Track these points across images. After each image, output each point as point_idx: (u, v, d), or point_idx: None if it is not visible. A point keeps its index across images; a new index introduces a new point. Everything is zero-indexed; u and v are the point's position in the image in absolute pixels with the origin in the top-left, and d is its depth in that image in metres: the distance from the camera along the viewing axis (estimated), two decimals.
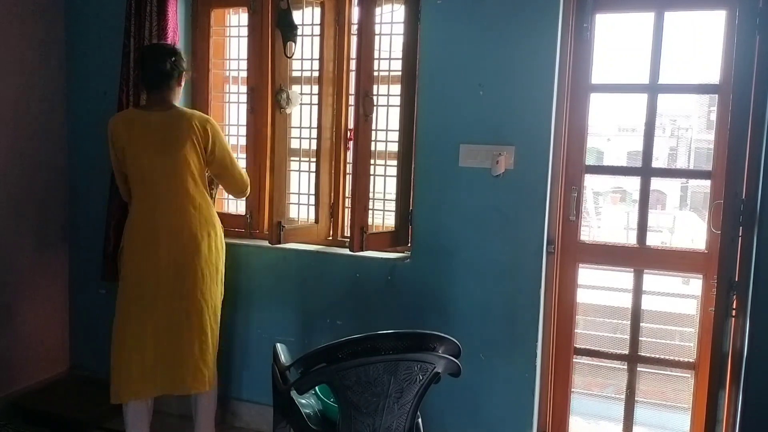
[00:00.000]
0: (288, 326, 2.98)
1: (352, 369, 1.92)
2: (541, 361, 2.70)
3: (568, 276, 2.74)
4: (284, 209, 2.90)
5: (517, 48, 2.55)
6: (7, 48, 3.03)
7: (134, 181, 2.61)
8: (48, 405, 3.09)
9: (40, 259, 3.28)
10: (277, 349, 2.34)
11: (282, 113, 2.81)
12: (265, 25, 2.97)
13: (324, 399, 2.23)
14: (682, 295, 6.24)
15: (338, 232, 3.04)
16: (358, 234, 2.65)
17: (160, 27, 2.85)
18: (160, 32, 2.85)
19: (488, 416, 2.71)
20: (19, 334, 3.19)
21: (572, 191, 2.69)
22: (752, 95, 2.28)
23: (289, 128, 2.91)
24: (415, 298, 2.76)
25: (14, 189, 3.12)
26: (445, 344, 2.02)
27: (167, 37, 2.85)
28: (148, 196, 2.58)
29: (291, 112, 2.86)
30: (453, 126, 2.66)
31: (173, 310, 2.55)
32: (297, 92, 2.86)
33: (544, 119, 2.55)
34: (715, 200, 2.50)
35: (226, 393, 3.10)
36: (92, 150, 3.29)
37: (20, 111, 3.11)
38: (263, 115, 3.04)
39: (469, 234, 2.67)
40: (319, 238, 2.99)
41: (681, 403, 3.59)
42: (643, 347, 2.79)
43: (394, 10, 2.84)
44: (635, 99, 2.72)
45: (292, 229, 2.87)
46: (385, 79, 2.82)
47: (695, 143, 14.22)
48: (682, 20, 2.80)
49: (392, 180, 2.85)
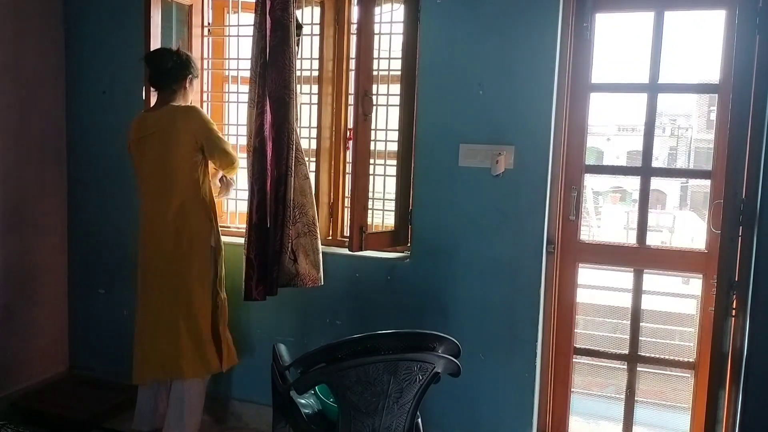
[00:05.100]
0: (287, 326, 2.98)
1: (352, 369, 1.91)
2: (541, 361, 2.70)
3: (567, 276, 2.74)
4: None
5: (517, 48, 2.55)
6: (6, 48, 3.02)
7: (138, 178, 2.73)
8: (48, 405, 3.09)
9: (39, 259, 3.27)
10: (276, 349, 2.34)
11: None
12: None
13: (324, 399, 2.23)
14: (682, 295, 6.24)
15: (338, 231, 3.04)
16: (358, 234, 2.65)
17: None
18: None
19: (488, 416, 2.71)
20: (19, 334, 3.19)
21: (572, 191, 2.69)
22: (752, 95, 2.27)
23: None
24: (414, 297, 2.76)
25: (14, 188, 3.11)
26: (445, 344, 2.02)
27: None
28: (147, 193, 2.70)
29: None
30: (453, 126, 2.65)
31: (163, 303, 2.66)
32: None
33: (543, 119, 2.54)
34: (715, 200, 2.49)
35: (226, 393, 3.11)
36: (92, 150, 3.29)
37: (20, 111, 3.11)
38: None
39: (468, 234, 2.67)
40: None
41: (681, 403, 3.59)
42: (643, 347, 2.79)
43: (394, 9, 2.84)
44: (635, 98, 2.72)
45: None
46: (385, 79, 2.83)
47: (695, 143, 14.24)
48: (682, 20, 2.80)
49: (392, 180, 2.85)
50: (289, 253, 2.60)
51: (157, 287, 2.67)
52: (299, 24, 2.72)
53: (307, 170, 2.67)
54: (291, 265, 2.61)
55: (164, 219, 2.63)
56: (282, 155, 2.54)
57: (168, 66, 2.63)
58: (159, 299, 2.67)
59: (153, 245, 2.68)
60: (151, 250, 2.68)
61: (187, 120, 2.61)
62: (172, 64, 2.64)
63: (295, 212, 2.60)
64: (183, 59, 2.68)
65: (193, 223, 2.65)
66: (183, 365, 2.65)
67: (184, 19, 3.12)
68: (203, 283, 2.69)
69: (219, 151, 2.66)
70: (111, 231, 3.25)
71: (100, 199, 3.30)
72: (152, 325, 2.69)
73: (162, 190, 2.64)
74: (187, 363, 2.66)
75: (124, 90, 3.15)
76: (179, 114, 2.62)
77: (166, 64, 2.63)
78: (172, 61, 2.64)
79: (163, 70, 2.64)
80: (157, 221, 2.65)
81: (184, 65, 2.67)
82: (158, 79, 2.67)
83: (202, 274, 2.68)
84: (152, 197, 2.67)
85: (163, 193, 2.63)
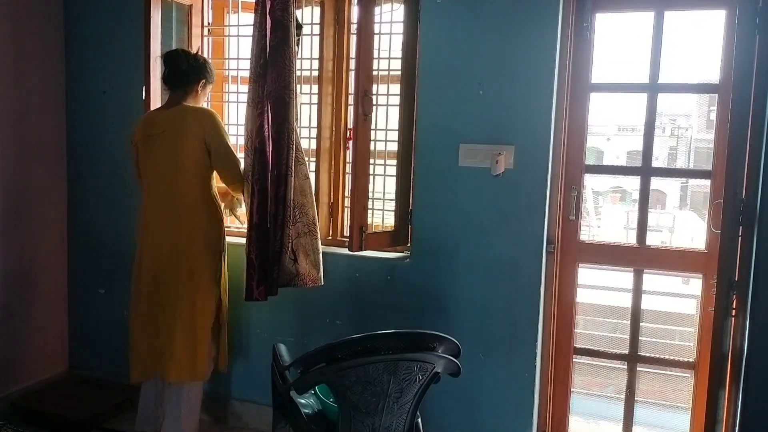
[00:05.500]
0: (287, 326, 2.98)
1: (352, 369, 1.91)
2: (541, 361, 2.70)
3: (567, 275, 2.74)
4: None
5: (517, 47, 2.55)
6: (6, 47, 3.02)
7: (142, 178, 2.72)
8: (48, 405, 3.09)
9: (39, 258, 3.27)
10: (276, 349, 2.34)
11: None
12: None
13: (324, 399, 2.23)
14: (682, 295, 6.25)
15: (338, 231, 3.04)
16: (358, 234, 2.65)
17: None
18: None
19: (488, 416, 2.71)
20: (19, 334, 3.19)
21: (572, 191, 2.69)
22: (752, 95, 2.27)
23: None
24: (414, 297, 2.76)
25: (14, 188, 3.11)
26: (445, 344, 2.02)
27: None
28: (151, 193, 2.68)
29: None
30: (453, 126, 2.65)
31: (161, 305, 2.63)
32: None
33: (543, 119, 2.54)
34: (715, 200, 2.49)
35: (226, 393, 3.11)
36: (92, 149, 3.30)
37: (19, 111, 3.11)
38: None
39: (468, 234, 2.67)
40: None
41: (681, 403, 3.59)
42: (642, 347, 2.79)
43: (394, 9, 2.84)
44: (635, 98, 2.72)
45: None
46: (385, 79, 2.83)
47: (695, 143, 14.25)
48: (682, 20, 2.80)
49: (392, 180, 2.85)
50: (289, 253, 2.59)
51: (156, 288, 2.63)
52: (299, 24, 2.72)
53: (307, 170, 2.67)
54: (291, 265, 2.61)
55: (170, 219, 2.60)
56: (282, 155, 2.54)
57: (183, 67, 2.64)
58: (157, 301, 2.63)
59: (155, 245, 2.64)
60: (151, 249, 2.65)
61: (200, 121, 2.58)
62: (186, 66, 2.65)
63: (295, 212, 2.60)
64: (199, 63, 2.70)
65: (200, 225, 2.62)
66: (174, 369, 2.61)
67: (184, 19, 3.13)
68: (208, 287, 2.66)
69: (228, 162, 2.62)
70: (111, 231, 3.25)
71: (100, 199, 3.30)
72: (146, 326, 2.65)
73: (169, 190, 2.61)
74: (179, 368, 2.62)
75: (124, 90, 3.15)
76: (192, 114, 2.61)
77: (182, 65, 2.64)
78: (187, 63, 2.65)
79: (177, 71, 2.65)
80: (161, 221, 2.62)
81: (199, 69, 2.69)
82: (172, 79, 2.68)
83: (208, 277, 2.65)
84: (158, 196, 2.64)
85: (170, 193, 2.61)
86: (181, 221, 2.60)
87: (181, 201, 2.61)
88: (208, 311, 2.67)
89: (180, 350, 2.61)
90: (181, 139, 2.57)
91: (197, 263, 2.63)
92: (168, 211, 2.62)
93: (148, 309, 2.66)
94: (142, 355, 2.68)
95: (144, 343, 2.67)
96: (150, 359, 2.66)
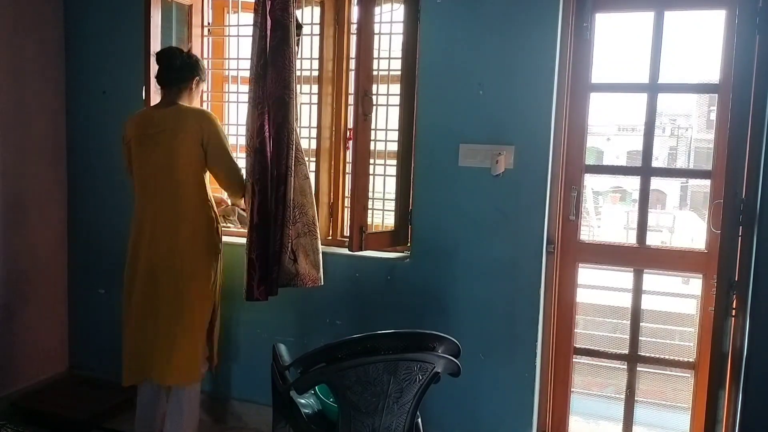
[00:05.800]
0: (287, 326, 2.98)
1: (352, 369, 1.91)
2: (541, 361, 2.70)
3: (567, 275, 2.74)
4: None
5: (517, 48, 2.55)
6: (6, 47, 3.02)
7: (135, 177, 2.68)
8: (48, 405, 3.09)
9: (39, 259, 3.27)
10: (276, 349, 2.34)
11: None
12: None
13: (324, 399, 2.23)
14: (682, 295, 6.25)
15: (338, 231, 3.04)
16: (357, 234, 2.65)
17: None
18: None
19: (488, 416, 2.71)
20: (19, 334, 3.19)
21: (572, 191, 2.69)
22: (752, 95, 2.27)
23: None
24: (414, 297, 2.76)
25: (14, 188, 3.11)
26: (445, 344, 2.02)
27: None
28: (145, 193, 2.64)
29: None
30: (453, 126, 2.65)
31: (153, 308, 2.60)
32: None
33: (543, 119, 2.54)
34: (715, 200, 2.49)
35: (226, 393, 3.11)
36: (92, 149, 3.30)
37: (19, 110, 3.11)
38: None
39: (468, 234, 2.67)
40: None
41: (681, 403, 3.59)
42: (642, 347, 2.79)
43: (394, 9, 2.84)
44: (635, 98, 2.72)
45: None
46: (385, 79, 2.83)
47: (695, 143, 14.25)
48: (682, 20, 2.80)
49: (392, 179, 2.85)
50: (289, 253, 2.59)
51: (154, 289, 2.58)
52: (299, 24, 2.71)
53: (307, 170, 2.67)
54: (291, 265, 2.61)
55: (168, 219, 2.57)
56: (282, 155, 2.54)
57: (177, 65, 2.62)
58: (153, 303, 2.58)
59: (152, 245, 2.59)
60: (148, 250, 2.59)
61: (198, 122, 2.56)
62: (180, 63, 2.63)
63: (295, 212, 2.60)
64: (192, 60, 2.68)
65: (199, 226, 2.60)
66: (173, 372, 2.59)
67: (184, 19, 3.13)
68: (205, 288, 2.64)
69: (225, 165, 2.60)
70: (111, 231, 3.24)
71: (99, 199, 3.30)
72: (140, 328, 2.61)
73: (167, 190, 2.58)
74: (178, 371, 2.60)
75: (124, 90, 3.15)
76: (193, 115, 2.58)
77: (175, 62, 2.62)
78: (181, 60, 2.64)
79: (171, 68, 2.63)
80: (159, 221, 2.58)
81: (192, 66, 2.67)
82: (165, 77, 2.65)
83: (205, 278, 2.64)
84: (154, 196, 2.59)
85: (168, 193, 2.57)
86: (179, 222, 2.58)
87: (179, 201, 2.58)
88: (206, 313, 2.67)
89: (178, 353, 2.59)
90: (180, 140, 2.55)
91: (196, 264, 2.61)
92: (166, 212, 2.59)
93: (143, 311, 2.60)
94: (135, 359, 2.64)
95: (137, 346, 2.63)
96: (144, 362, 2.62)
